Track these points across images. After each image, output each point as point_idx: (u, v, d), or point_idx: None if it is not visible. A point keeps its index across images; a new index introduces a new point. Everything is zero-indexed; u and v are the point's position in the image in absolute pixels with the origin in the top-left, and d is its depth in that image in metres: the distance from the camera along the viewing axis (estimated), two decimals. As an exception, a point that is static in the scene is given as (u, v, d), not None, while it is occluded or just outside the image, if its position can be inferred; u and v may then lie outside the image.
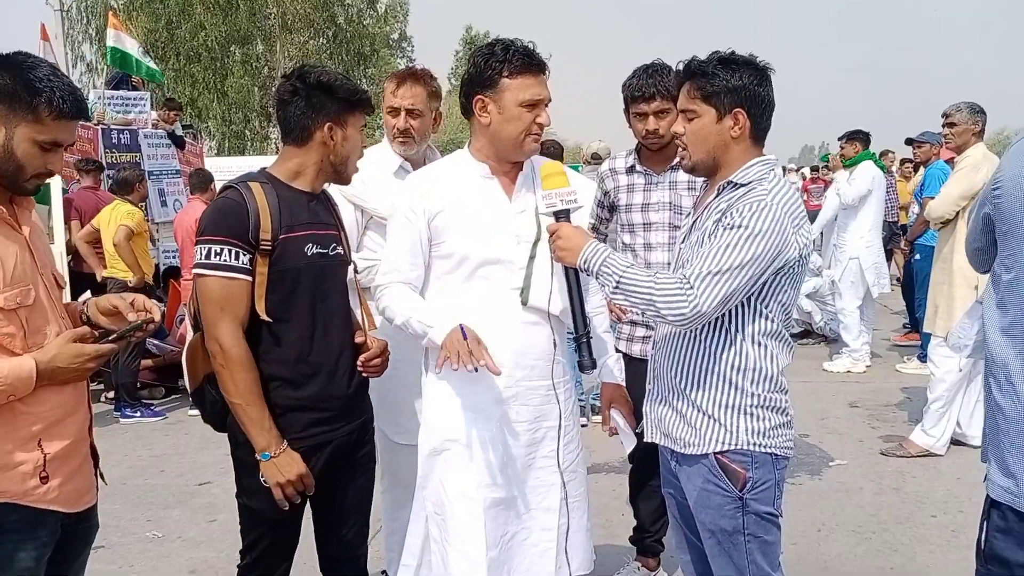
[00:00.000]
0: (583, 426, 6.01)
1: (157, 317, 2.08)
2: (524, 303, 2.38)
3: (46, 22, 10.90)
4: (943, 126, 5.57)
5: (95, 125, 8.77)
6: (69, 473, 2.02)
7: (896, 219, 10.85)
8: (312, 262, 2.34)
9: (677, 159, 2.62)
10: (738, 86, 2.11)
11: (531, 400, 2.43)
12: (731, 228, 2.03)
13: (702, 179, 2.34)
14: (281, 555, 2.49)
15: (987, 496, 1.96)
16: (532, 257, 2.39)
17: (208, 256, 2.26)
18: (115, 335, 2.04)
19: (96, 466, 2.18)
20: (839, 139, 7.87)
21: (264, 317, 2.29)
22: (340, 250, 2.45)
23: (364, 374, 2.46)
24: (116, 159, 8.77)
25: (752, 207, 2.04)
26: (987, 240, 2.05)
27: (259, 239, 2.26)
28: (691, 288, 2.01)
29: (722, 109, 2.12)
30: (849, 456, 5.25)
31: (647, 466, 3.20)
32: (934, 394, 5.16)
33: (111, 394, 7.03)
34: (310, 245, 2.34)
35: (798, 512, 4.29)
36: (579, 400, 6.22)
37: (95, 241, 7.07)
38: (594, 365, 2.25)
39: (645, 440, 2.41)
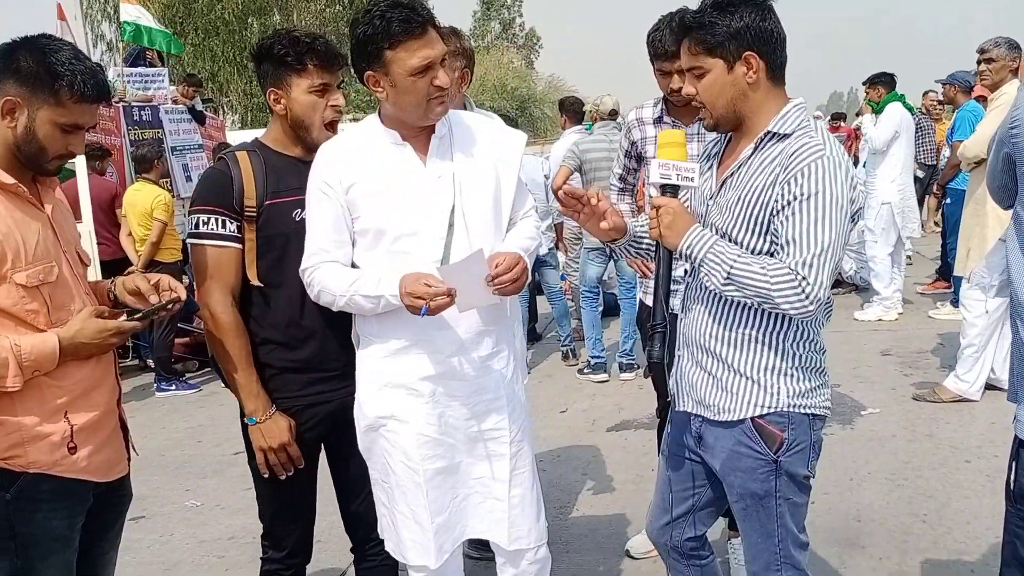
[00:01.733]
0: (604, 381, 6.11)
1: (183, 296, 2.11)
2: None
3: (63, 2, 10.90)
4: (979, 63, 5.43)
5: (116, 103, 8.82)
6: (98, 444, 2.06)
7: (935, 162, 10.60)
8: (301, 226, 2.33)
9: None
10: (740, 28, 1.96)
11: (465, 375, 2.28)
12: (808, 199, 1.89)
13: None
14: (290, 519, 2.53)
15: (1015, 437, 1.93)
16: (451, 225, 2.23)
17: (197, 226, 2.35)
18: (140, 314, 2.07)
19: (126, 437, 2.23)
20: (863, 83, 7.69)
21: (255, 282, 2.35)
22: None
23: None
24: (139, 136, 8.83)
25: (819, 167, 1.90)
26: (1009, 178, 2.01)
27: (243, 206, 2.32)
28: (804, 279, 1.89)
29: (730, 57, 1.98)
30: (881, 404, 5.21)
31: None
32: (967, 339, 5.08)
33: (151, 362, 7.16)
34: (298, 210, 2.34)
35: (830, 462, 4.28)
36: (597, 358, 6.28)
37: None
38: (662, 358, 2.08)
39: (676, 409, 2.30)
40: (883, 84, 7.48)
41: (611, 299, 7.24)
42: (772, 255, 1.99)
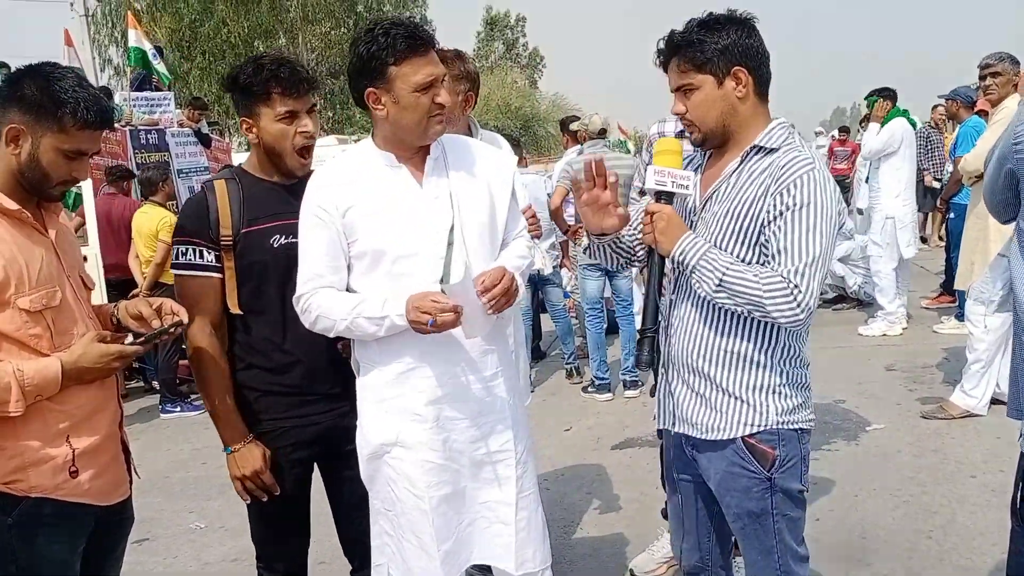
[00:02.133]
0: (610, 399, 6.10)
1: (186, 319, 2.14)
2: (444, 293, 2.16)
3: (71, 28, 11.03)
4: (981, 77, 5.41)
5: (123, 127, 8.89)
6: (100, 467, 2.08)
7: (943, 177, 10.59)
8: (279, 253, 2.35)
9: None
10: (728, 45, 2.02)
11: (469, 396, 2.27)
12: (799, 209, 1.94)
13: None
14: (281, 541, 2.54)
15: (1021, 454, 1.93)
16: (450, 243, 2.22)
17: (177, 256, 2.39)
18: (143, 338, 2.09)
19: (128, 460, 2.24)
20: (866, 98, 7.66)
21: (235, 311, 2.38)
22: None
23: (344, 354, 2.44)
24: (146, 159, 8.88)
25: (809, 179, 1.95)
26: (1011, 194, 2.01)
27: (220, 235, 2.34)
28: (796, 287, 1.93)
29: (719, 73, 2.03)
30: (886, 420, 5.19)
31: None
32: (974, 354, 5.06)
33: (156, 384, 7.19)
34: (276, 236, 2.36)
35: (835, 478, 4.27)
36: (601, 379, 6.27)
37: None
38: (651, 363, 2.10)
39: (660, 427, 2.30)
40: (888, 98, 7.45)
41: (612, 316, 7.24)
42: (761, 265, 2.01)
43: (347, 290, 2.28)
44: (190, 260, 2.37)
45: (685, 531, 2.37)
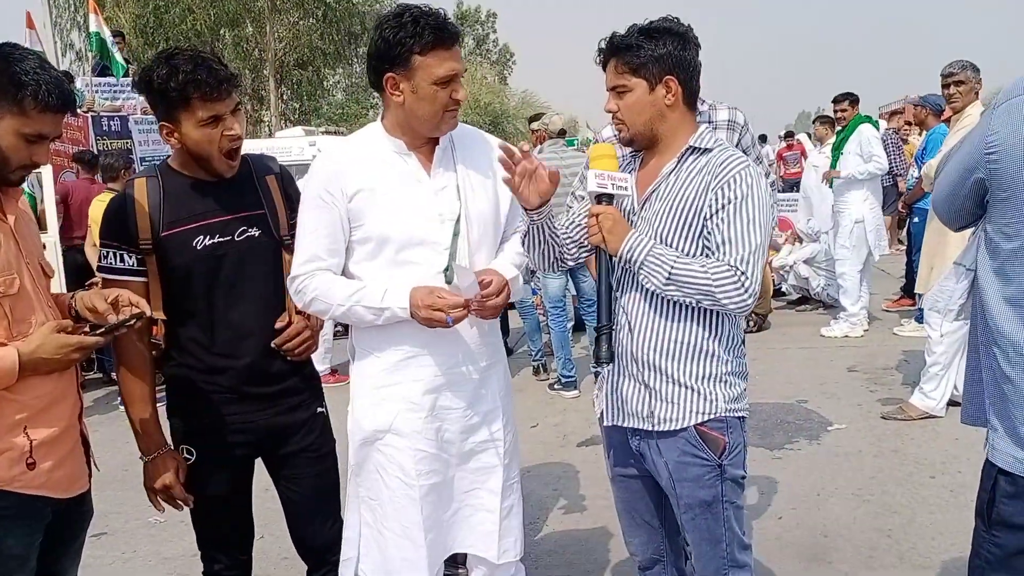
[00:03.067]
0: (576, 396, 6.11)
1: (147, 311, 2.08)
2: (448, 281, 2.21)
3: (32, 10, 10.77)
4: (945, 87, 5.47)
5: (85, 113, 8.72)
6: (58, 459, 2.02)
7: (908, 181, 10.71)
8: (203, 254, 2.28)
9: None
10: (663, 54, 2.12)
11: (464, 386, 2.31)
12: (740, 201, 2.06)
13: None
14: (219, 540, 2.51)
15: (989, 462, 1.94)
16: (455, 234, 2.24)
17: (100, 259, 2.32)
18: (103, 330, 2.03)
19: (88, 453, 2.19)
20: (833, 101, 7.67)
21: (157, 315, 2.29)
22: (253, 232, 2.34)
23: (289, 356, 2.40)
24: (107, 146, 8.72)
25: (746, 175, 2.08)
26: (972, 203, 1.98)
27: (139, 239, 2.26)
28: (743, 274, 2.04)
29: (652, 79, 2.13)
30: (847, 420, 5.26)
31: None
32: (932, 357, 5.15)
33: (115, 375, 7.07)
34: (200, 237, 2.28)
35: (797, 477, 4.31)
36: (567, 377, 6.27)
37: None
38: (611, 359, 2.14)
39: (606, 425, 2.33)
40: (854, 103, 7.57)
41: (579, 313, 7.25)
42: (704, 257, 2.11)
43: (343, 274, 2.27)
44: (111, 264, 2.29)
45: (636, 526, 2.42)
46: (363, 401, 2.31)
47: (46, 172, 6.86)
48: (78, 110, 8.48)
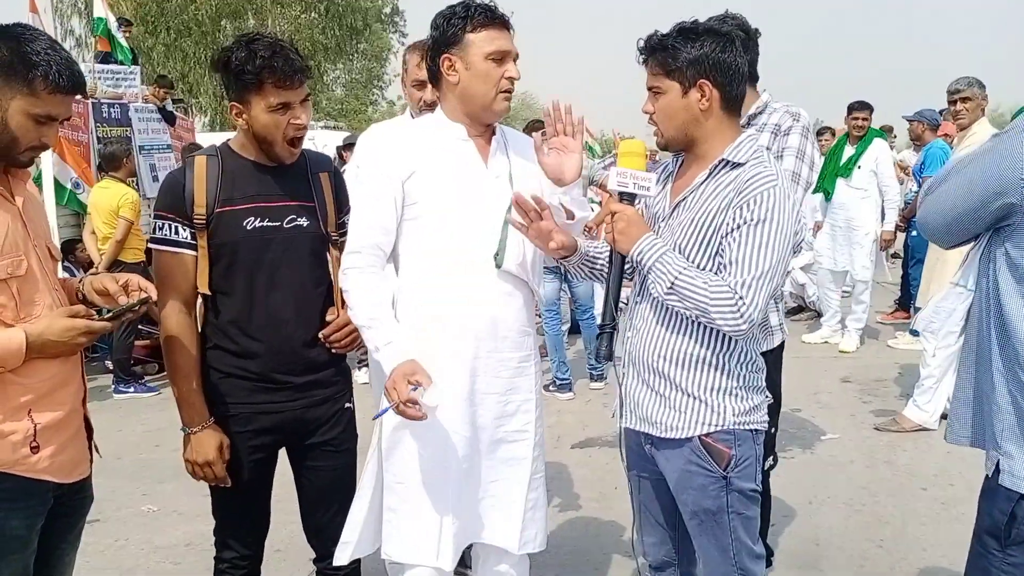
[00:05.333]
0: (571, 399, 6.13)
1: (154, 296, 2.09)
2: (499, 266, 2.30)
3: (35, -6, 10.70)
4: (952, 103, 5.44)
5: (87, 99, 8.68)
6: (61, 444, 2.02)
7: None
8: (251, 235, 2.32)
9: None
10: (699, 56, 2.04)
11: (502, 372, 2.37)
12: (756, 224, 1.98)
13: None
14: (238, 523, 2.52)
15: (1004, 487, 1.93)
16: (506, 222, 2.30)
17: (154, 231, 2.35)
18: (111, 313, 2.03)
19: (90, 438, 2.18)
20: (854, 110, 7.35)
21: (204, 291, 2.34)
22: (302, 223, 2.38)
23: (333, 349, 2.44)
24: (107, 133, 8.68)
25: (770, 195, 1.99)
26: (988, 225, 1.93)
27: (194, 213, 2.30)
28: (742, 299, 1.98)
29: (685, 82, 2.06)
30: (841, 430, 5.29)
31: None
32: (927, 369, 5.18)
33: (109, 364, 7.06)
34: (251, 218, 2.32)
35: (790, 485, 4.33)
36: (562, 379, 6.27)
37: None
38: (611, 356, 2.16)
39: (622, 425, 2.32)
40: (871, 112, 7.39)
41: (574, 315, 7.26)
42: (716, 274, 2.06)
43: (396, 251, 2.35)
44: (165, 235, 2.33)
45: (650, 526, 2.40)
46: None
47: (46, 156, 6.82)
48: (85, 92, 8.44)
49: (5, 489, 1.92)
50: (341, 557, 2.41)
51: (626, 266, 2.18)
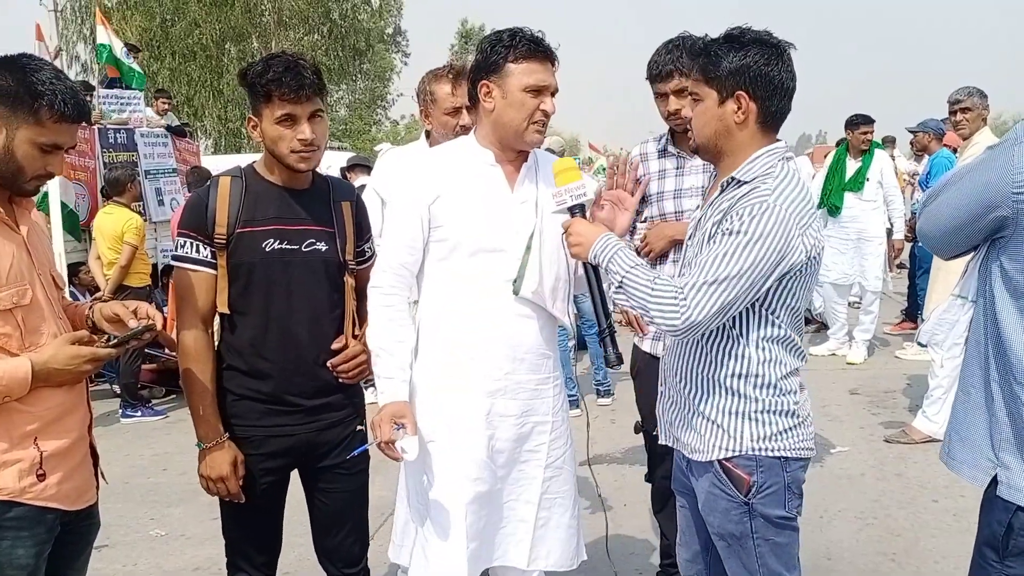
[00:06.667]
0: (578, 415, 6.10)
1: (159, 325, 2.10)
2: (515, 293, 2.34)
3: (40, 23, 10.81)
4: (952, 113, 5.45)
5: (92, 125, 8.74)
6: (68, 471, 2.02)
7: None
8: (269, 257, 2.34)
9: None
10: (740, 67, 1.97)
11: (519, 394, 2.39)
12: (730, 234, 1.93)
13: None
14: (250, 545, 2.50)
15: (1003, 499, 1.92)
16: (528, 248, 2.34)
17: (175, 249, 2.39)
18: (116, 340, 2.05)
19: (96, 465, 2.19)
20: (860, 124, 7.35)
21: (222, 309, 2.37)
22: (320, 247, 2.40)
23: (341, 379, 2.45)
24: (113, 159, 8.74)
25: (752, 210, 1.92)
26: (983, 237, 1.92)
27: (215, 233, 2.33)
28: (684, 299, 1.92)
29: (723, 92, 2.01)
30: (850, 443, 5.26)
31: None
32: (935, 380, 5.15)
33: (116, 388, 7.07)
34: (271, 240, 2.35)
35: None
36: (570, 395, 6.24)
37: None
38: (620, 360, 2.17)
39: (660, 443, 2.33)
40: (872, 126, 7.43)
41: (580, 332, 7.25)
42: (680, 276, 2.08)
43: (421, 273, 2.41)
44: (186, 253, 2.36)
45: (686, 541, 2.39)
46: (421, 399, 2.38)
47: (53, 185, 6.87)
48: (90, 120, 8.49)
49: (12, 518, 1.92)
50: (394, 556, 2.54)
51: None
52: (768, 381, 2.07)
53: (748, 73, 1.98)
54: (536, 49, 2.29)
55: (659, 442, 2.34)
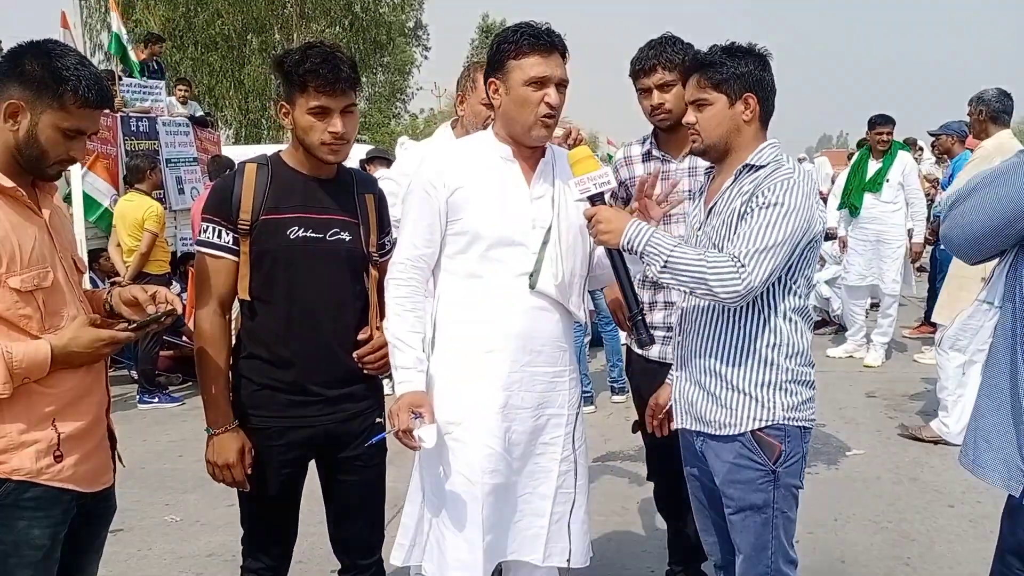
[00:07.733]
0: (592, 412, 6.10)
1: (179, 310, 2.11)
2: (532, 287, 2.34)
3: (66, 10, 10.87)
4: (970, 115, 5.45)
5: (115, 113, 8.80)
6: (85, 453, 2.04)
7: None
8: (293, 245, 2.34)
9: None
10: (745, 72, 2.24)
11: (535, 387, 2.39)
12: (767, 207, 2.11)
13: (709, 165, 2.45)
14: (266, 533, 2.52)
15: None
16: (545, 243, 2.35)
17: (200, 234, 2.40)
18: (134, 325, 2.05)
19: (113, 448, 2.20)
20: (879, 125, 7.30)
21: (243, 297, 2.37)
22: (345, 237, 2.41)
23: (365, 370, 2.46)
24: (135, 147, 8.80)
25: (784, 185, 2.13)
26: (1011, 243, 1.91)
27: (239, 219, 2.34)
28: (743, 266, 2.07)
29: (733, 95, 2.24)
30: (866, 446, 5.22)
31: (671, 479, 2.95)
32: (941, 385, 5.17)
33: (134, 374, 7.13)
34: (295, 228, 2.35)
35: (815, 501, 4.26)
36: (584, 392, 6.24)
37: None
38: (652, 340, 2.28)
39: (677, 427, 2.43)
40: (894, 126, 7.37)
41: (596, 329, 7.25)
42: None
43: (437, 266, 2.42)
44: (208, 238, 2.37)
45: (708, 526, 2.51)
46: (438, 391, 2.38)
47: (75, 170, 6.91)
48: (112, 111, 8.56)
49: (29, 498, 1.93)
50: (396, 558, 2.50)
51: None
52: (797, 350, 2.26)
53: (752, 78, 2.25)
54: (537, 42, 2.28)
55: (674, 427, 2.44)
